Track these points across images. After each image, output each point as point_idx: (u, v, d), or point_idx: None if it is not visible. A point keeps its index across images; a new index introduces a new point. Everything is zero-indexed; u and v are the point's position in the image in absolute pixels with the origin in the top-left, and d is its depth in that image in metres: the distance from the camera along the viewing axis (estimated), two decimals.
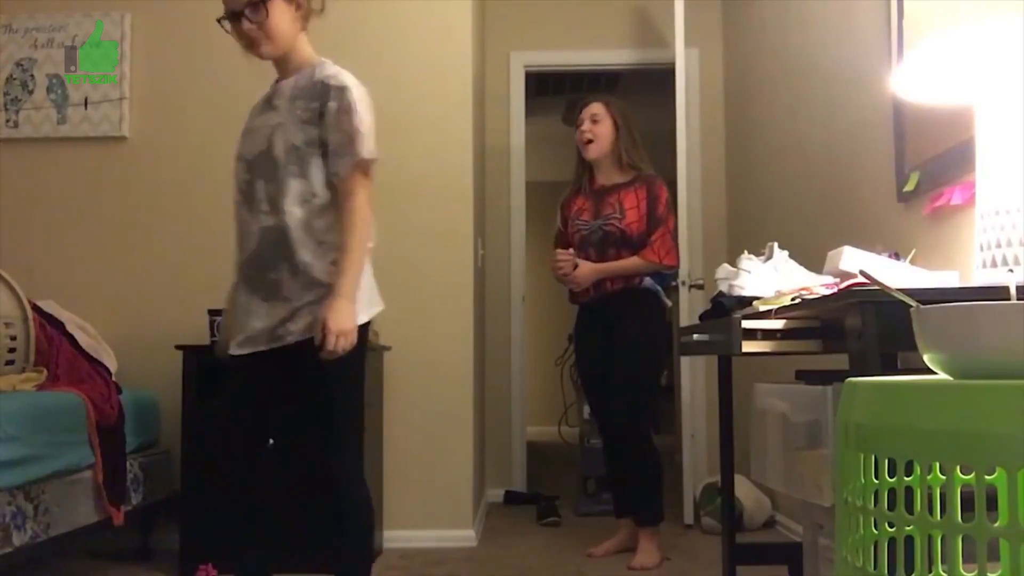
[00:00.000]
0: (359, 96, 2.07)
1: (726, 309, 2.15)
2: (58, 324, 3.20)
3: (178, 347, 3.18)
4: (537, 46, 4.84)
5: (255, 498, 2.14)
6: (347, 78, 2.08)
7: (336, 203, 2.06)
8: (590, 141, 3.41)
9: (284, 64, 2.15)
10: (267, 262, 2.07)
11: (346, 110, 2.03)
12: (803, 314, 1.94)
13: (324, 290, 2.02)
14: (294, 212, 2.04)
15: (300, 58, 2.15)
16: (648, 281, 3.38)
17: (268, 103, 2.16)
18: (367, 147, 2.05)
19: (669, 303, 3.52)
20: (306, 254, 2.04)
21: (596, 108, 3.42)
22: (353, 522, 2.09)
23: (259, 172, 2.08)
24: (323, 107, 2.04)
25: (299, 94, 2.08)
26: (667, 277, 3.54)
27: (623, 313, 3.33)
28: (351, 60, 3.70)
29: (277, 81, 2.18)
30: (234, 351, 2.10)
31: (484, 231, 4.59)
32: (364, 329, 2.09)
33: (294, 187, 2.04)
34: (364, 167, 2.06)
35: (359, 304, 2.04)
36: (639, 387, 3.30)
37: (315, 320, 2.00)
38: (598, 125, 3.40)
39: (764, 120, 4.01)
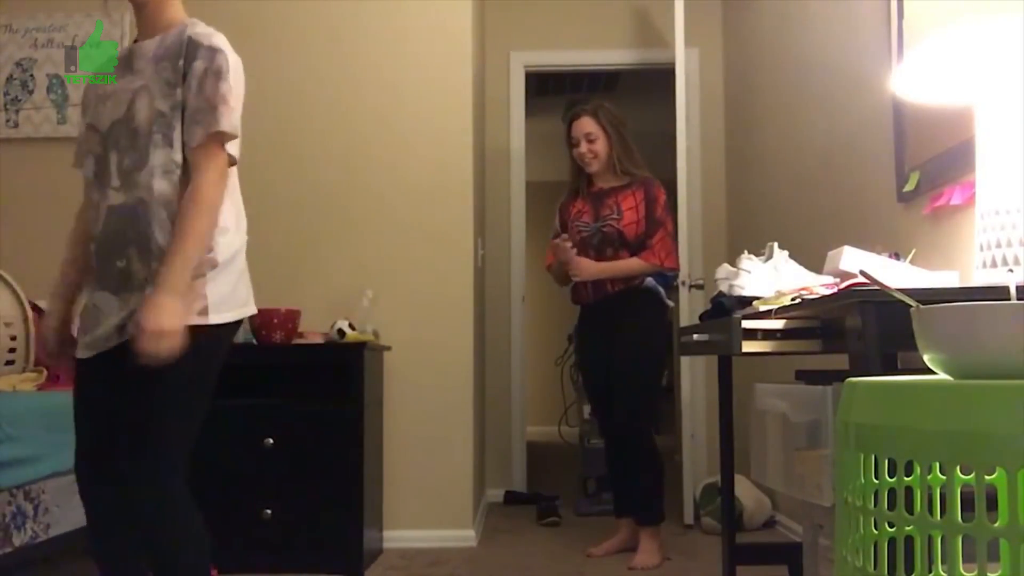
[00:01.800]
0: (233, 63, 1.81)
1: (726, 309, 2.15)
2: None
3: None
4: (537, 46, 4.84)
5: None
6: (221, 40, 1.82)
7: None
8: (592, 158, 3.43)
9: (150, 18, 1.87)
10: (114, 247, 1.80)
11: (215, 73, 1.78)
12: (803, 314, 1.94)
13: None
14: (153, 187, 1.77)
15: (170, 15, 1.87)
16: (649, 281, 3.38)
17: (126, 66, 1.88)
18: (230, 120, 1.78)
19: (671, 303, 3.52)
20: (162, 235, 1.76)
21: (589, 126, 3.40)
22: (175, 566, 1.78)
23: (113, 143, 1.83)
24: (188, 66, 1.78)
25: (165, 53, 1.82)
26: (669, 277, 3.54)
27: (624, 313, 3.33)
28: (351, 60, 3.77)
29: (135, 41, 1.91)
30: (79, 355, 1.85)
31: (484, 231, 4.59)
32: (219, 330, 1.81)
33: (157, 159, 1.78)
34: (221, 141, 1.79)
35: (224, 300, 1.80)
36: (640, 387, 3.30)
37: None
38: (594, 143, 3.40)
39: (764, 120, 4.01)
